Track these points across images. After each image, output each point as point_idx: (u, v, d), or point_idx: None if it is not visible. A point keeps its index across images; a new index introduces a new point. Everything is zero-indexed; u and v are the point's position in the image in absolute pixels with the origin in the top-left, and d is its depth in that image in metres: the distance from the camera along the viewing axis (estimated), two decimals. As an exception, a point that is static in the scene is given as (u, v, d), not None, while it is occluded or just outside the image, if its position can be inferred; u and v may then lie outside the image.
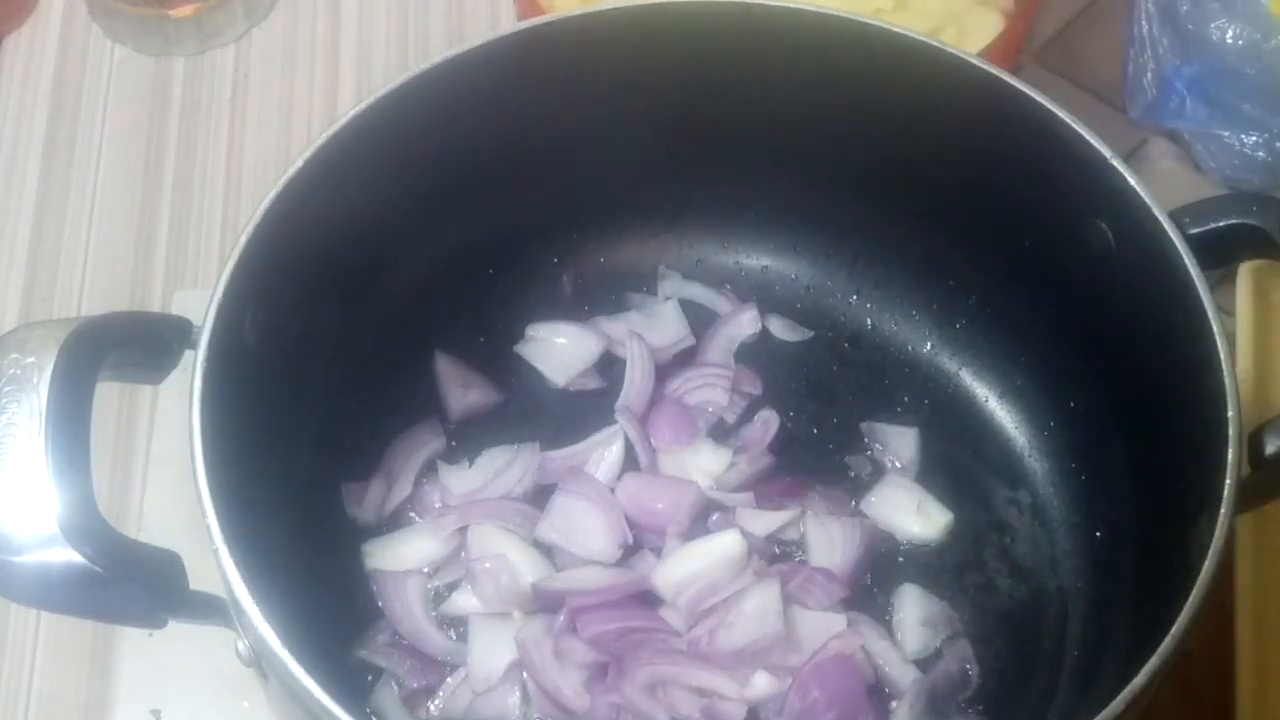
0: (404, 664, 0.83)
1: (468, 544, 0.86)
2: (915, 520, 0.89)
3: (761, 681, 0.79)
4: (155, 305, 1.06)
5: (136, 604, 0.69)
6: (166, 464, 0.95)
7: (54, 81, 1.19)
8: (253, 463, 0.74)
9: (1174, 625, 0.66)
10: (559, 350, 0.95)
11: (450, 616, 0.86)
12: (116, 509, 0.96)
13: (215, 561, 0.67)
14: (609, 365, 0.95)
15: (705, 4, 0.84)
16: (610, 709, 0.80)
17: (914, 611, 0.86)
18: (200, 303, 0.73)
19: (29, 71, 1.19)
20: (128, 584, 0.67)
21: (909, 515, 0.89)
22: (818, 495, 0.90)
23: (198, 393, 0.70)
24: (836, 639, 0.81)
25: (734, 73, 0.86)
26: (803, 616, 0.82)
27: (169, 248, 1.10)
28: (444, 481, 0.90)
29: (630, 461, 0.90)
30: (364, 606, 0.86)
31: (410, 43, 1.21)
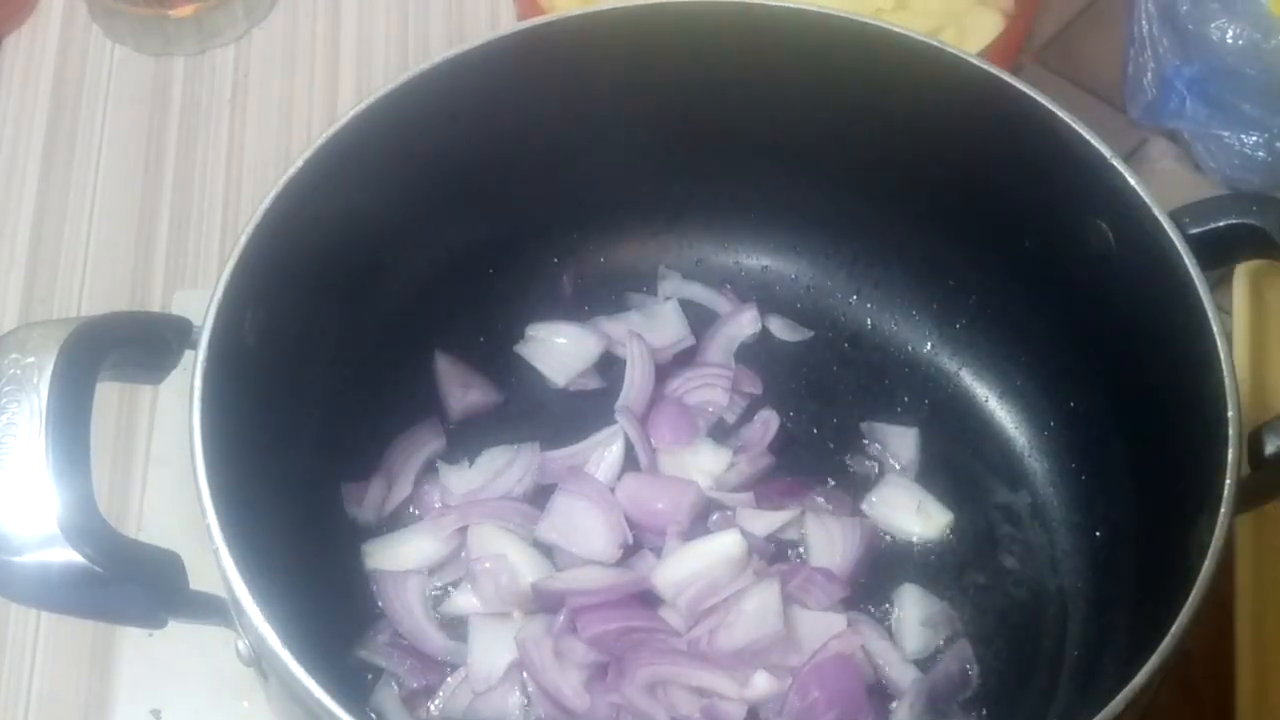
0: (404, 664, 0.83)
1: (468, 544, 0.86)
2: (915, 520, 0.89)
3: (761, 681, 0.79)
4: (155, 305, 1.06)
5: (136, 604, 0.69)
6: (166, 464, 0.95)
7: (54, 81, 1.19)
8: (253, 463, 0.74)
9: (1174, 625, 0.66)
10: (559, 350, 0.95)
11: (450, 616, 0.86)
12: (116, 509, 0.95)
13: (215, 561, 0.67)
14: (609, 365, 0.95)
15: (705, 4, 0.84)
16: (610, 709, 0.80)
17: (914, 611, 0.85)
18: (200, 303, 0.73)
19: (29, 71, 1.19)
20: (128, 584, 0.67)
21: (909, 515, 0.89)
22: (818, 495, 0.90)
23: (198, 393, 0.70)
24: (836, 639, 0.81)
25: (734, 73, 0.86)
26: (803, 616, 0.82)
27: (169, 248, 1.10)
28: (444, 481, 0.90)
29: (630, 461, 0.90)
30: (364, 606, 0.86)
31: (410, 43, 1.21)
